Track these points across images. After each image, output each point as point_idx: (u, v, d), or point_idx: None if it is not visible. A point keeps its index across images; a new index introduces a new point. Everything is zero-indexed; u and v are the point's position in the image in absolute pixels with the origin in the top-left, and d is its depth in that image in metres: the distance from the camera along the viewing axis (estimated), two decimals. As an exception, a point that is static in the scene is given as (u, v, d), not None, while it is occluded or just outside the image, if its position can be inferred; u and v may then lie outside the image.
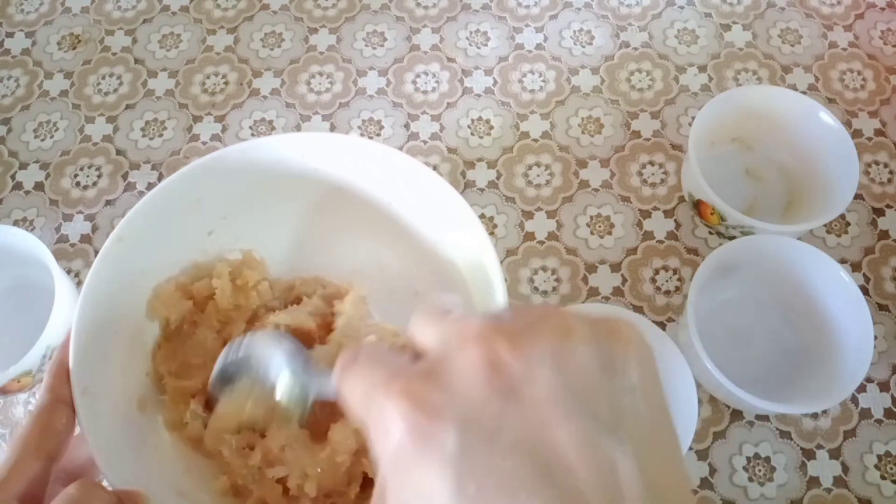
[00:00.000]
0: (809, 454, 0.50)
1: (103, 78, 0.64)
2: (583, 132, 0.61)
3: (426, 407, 0.18)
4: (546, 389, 0.19)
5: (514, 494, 0.17)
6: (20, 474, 0.29)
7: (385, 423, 0.19)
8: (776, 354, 0.52)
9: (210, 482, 0.37)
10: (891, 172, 0.60)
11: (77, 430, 0.33)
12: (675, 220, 0.58)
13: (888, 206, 0.58)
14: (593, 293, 0.55)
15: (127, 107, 0.63)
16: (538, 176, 0.59)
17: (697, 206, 0.54)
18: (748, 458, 0.50)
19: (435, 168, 0.58)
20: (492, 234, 0.57)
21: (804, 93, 0.62)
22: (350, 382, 0.22)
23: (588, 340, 0.20)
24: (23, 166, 0.61)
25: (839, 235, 0.57)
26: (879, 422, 0.51)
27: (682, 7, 0.67)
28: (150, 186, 0.59)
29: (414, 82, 0.64)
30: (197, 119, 0.62)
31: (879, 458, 0.50)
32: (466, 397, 0.19)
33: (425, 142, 0.61)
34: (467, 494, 0.17)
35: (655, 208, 0.58)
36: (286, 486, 0.36)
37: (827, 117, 0.54)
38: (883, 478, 0.50)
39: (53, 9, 0.68)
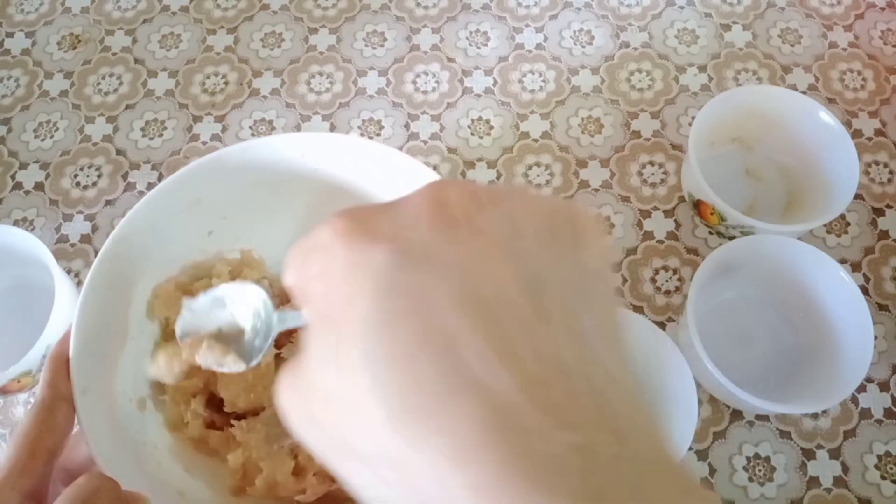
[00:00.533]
0: (809, 454, 0.50)
1: (103, 78, 0.64)
2: (583, 132, 0.61)
3: (367, 224, 0.19)
4: (492, 233, 0.18)
5: (429, 309, 0.17)
6: (24, 472, 0.30)
7: (320, 248, 0.19)
8: (776, 354, 0.52)
9: (210, 481, 0.37)
10: (891, 172, 0.60)
11: (76, 427, 0.33)
12: (675, 220, 0.58)
13: (888, 206, 0.58)
14: (593, 293, 0.55)
15: (127, 107, 0.63)
16: (538, 176, 0.59)
17: (697, 206, 0.54)
18: (748, 458, 0.50)
19: (435, 168, 0.58)
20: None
21: (804, 93, 0.62)
22: (294, 250, 0.21)
23: (546, 212, 0.20)
24: (23, 166, 0.61)
25: (839, 235, 0.57)
26: (879, 422, 0.51)
27: (682, 7, 0.67)
28: (150, 186, 0.59)
29: (414, 82, 0.64)
30: (197, 119, 0.62)
31: (879, 458, 0.50)
32: (407, 222, 0.19)
33: (425, 142, 0.61)
34: (392, 307, 0.17)
35: (655, 208, 0.58)
36: (298, 463, 0.36)
37: (827, 117, 0.54)
38: (883, 478, 0.50)
39: (53, 9, 0.68)
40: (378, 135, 0.61)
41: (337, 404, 0.18)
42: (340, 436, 0.18)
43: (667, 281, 0.56)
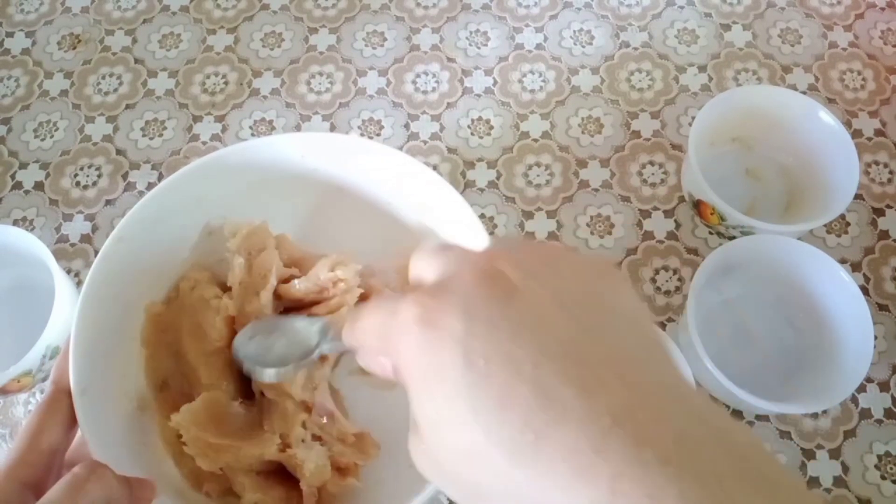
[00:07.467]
0: (809, 454, 0.50)
1: (103, 78, 0.64)
2: (583, 132, 0.61)
3: (433, 306, 0.21)
4: (539, 297, 0.21)
5: (519, 368, 0.19)
6: (24, 463, 0.30)
7: (401, 333, 0.21)
8: (776, 354, 0.52)
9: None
10: (891, 172, 0.60)
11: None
12: (675, 220, 0.58)
13: (888, 206, 0.58)
14: (593, 293, 0.55)
15: (127, 107, 0.63)
16: (538, 176, 0.59)
17: (697, 206, 0.54)
18: (748, 458, 0.50)
19: (435, 168, 0.58)
20: (492, 234, 0.57)
21: (804, 93, 0.62)
22: (363, 325, 0.24)
23: (579, 267, 0.23)
24: (23, 166, 0.61)
25: (839, 235, 0.57)
26: (879, 422, 0.51)
27: (682, 7, 0.67)
28: (150, 186, 0.59)
29: (414, 82, 0.64)
30: (197, 119, 0.62)
31: (879, 458, 0.50)
32: (469, 297, 0.21)
33: (425, 142, 0.61)
34: (477, 368, 0.19)
35: (655, 208, 0.58)
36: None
37: (827, 117, 0.54)
38: (883, 478, 0.50)
39: (53, 9, 0.68)
40: (378, 135, 0.61)
41: (461, 457, 0.20)
42: (474, 482, 0.20)
43: (667, 281, 0.56)
